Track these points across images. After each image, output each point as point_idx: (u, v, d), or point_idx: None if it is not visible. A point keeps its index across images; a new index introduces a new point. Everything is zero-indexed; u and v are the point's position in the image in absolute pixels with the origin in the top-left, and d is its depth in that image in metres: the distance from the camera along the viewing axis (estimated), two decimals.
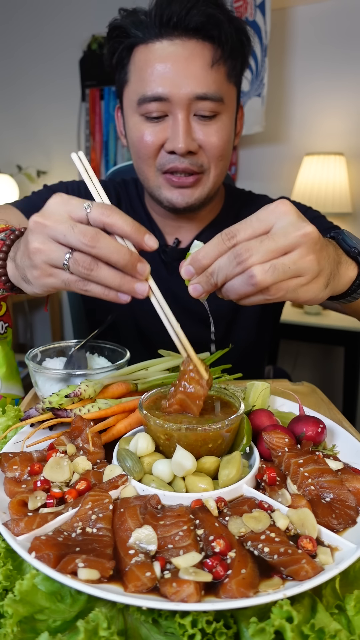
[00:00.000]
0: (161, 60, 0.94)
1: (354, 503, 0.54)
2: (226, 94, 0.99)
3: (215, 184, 1.06)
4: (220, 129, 1.00)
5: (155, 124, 0.98)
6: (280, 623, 0.40)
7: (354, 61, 2.54)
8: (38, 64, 3.32)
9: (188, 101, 0.94)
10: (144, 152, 1.01)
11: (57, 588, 0.44)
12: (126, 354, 0.87)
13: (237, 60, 1.00)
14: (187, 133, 0.96)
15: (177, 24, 0.93)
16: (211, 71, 0.95)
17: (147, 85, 0.95)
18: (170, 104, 0.95)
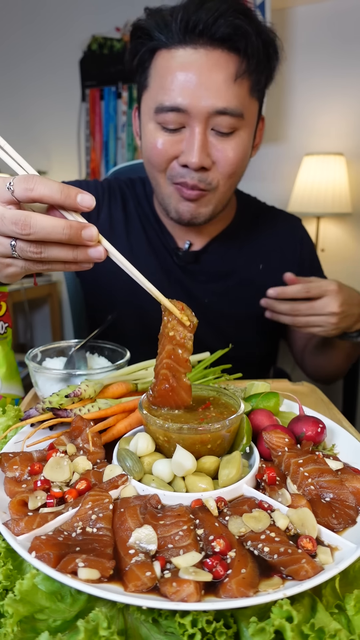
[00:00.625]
0: (183, 68, 0.91)
1: (353, 503, 0.54)
2: (247, 110, 0.96)
3: (222, 200, 1.03)
4: (238, 145, 0.96)
5: (171, 134, 0.95)
6: (280, 623, 0.40)
7: (353, 61, 2.54)
8: (38, 64, 3.32)
9: (207, 115, 0.91)
10: (156, 161, 0.99)
11: (57, 588, 0.44)
12: (126, 354, 0.87)
13: (263, 75, 0.96)
14: (203, 148, 0.93)
15: (202, 32, 0.89)
16: (234, 85, 0.91)
17: (165, 94, 0.92)
18: (188, 116, 0.92)
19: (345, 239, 2.64)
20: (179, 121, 0.93)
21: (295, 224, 1.27)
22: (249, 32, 0.89)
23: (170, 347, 0.62)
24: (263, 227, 1.22)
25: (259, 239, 1.21)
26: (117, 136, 3.22)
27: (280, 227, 1.24)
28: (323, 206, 2.39)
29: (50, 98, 3.34)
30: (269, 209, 1.29)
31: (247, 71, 0.92)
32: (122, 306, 1.10)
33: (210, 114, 0.91)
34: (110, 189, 1.20)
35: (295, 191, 2.53)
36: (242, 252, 1.18)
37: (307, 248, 1.25)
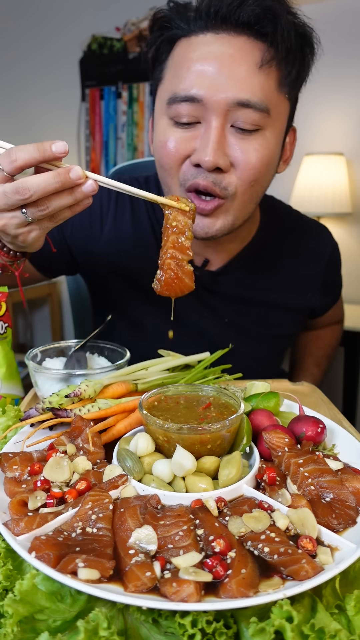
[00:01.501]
0: (202, 55, 0.80)
1: (353, 503, 0.54)
2: (275, 106, 0.83)
3: (242, 213, 0.90)
4: (262, 146, 0.83)
5: (184, 130, 0.84)
6: (280, 623, 0.40)
7: (354, 61, 2.54)
8: (38, 63, 3.32)
9: (226, 107, 0.79)
10: (165, 161, 0.87)
11: (57, 588, 0.44)
12: (126, 354, 0.87)
13: (294, 67, 0.83)
14: (219, 145, 0.81)
15: (226, 17, 0.79)
16: (259, 74, 0.80)
17: (180, 83, 0.81)
18: (205, 109, 0.80)
19: (345, 239, 2.64)
20: (193, 114, 0.82)
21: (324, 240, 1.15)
22: (279, 14, 0.78)
23: (173, 237, 0.69)
24: (288, 244, 1.11)
25: (284, 259, 1.10)
26: (117, 136, 3.22)
27: (307, 244, 1.12)
28: (323, 206, 2.39)
29: (50, 98, 3.34)
30: (296, 220, 1.15)
31: (275, 59, 0.80)
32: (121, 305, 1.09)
33: (230, 106, 0.79)
34: (118, 195, 1.08)
35: (295, 191, 2.53)
36: (265, 274, 1.08)
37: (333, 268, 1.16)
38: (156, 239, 1.06)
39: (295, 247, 1.11)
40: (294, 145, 0.98)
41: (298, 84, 0.87)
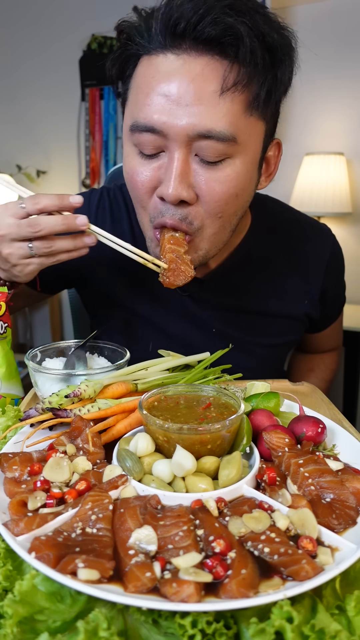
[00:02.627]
0: (161, 79, 0.73)
1: (354, 503, 0.54)
2: (243, 132, 0.75)
3: (214, 243, 0.85)
4: (229, 177, 0.77)
5: (149, 161, 0.79)
6: (280, 623, 0.40)
7: (354, 61, 2.54)
8: (37, 63, 3.32)
9: (187, 138, 0.73)
10: (135, 194, 0.83)
11: (56, 588, 0.44)
12: (126, 354, 0.86)
13: (263, 87, 0.74)
14: (182, 177, 0.75)
15: (185, 33, 0.71)
16: (222, 99, 0.72)
17: (140, 110, 0.76)
18: (166, 139, 0.75)
19: (345, 239, 2.64)
20: (156, 145, 0.76)
21: (322, 242, 1.07)
22: (240, 33, 0.69)
23: (168, 235, 0.82)
24: (282, 247, 1.04)
25: (277, 264, 1.04)
26: (117, 135, 3.22)
27: (303, 247, 1.06)
28: (323, 206, 2.39)
29: (49, 97, 3.34)
30: (291, 222, 1.08)
31: (239, 82, 0.72)
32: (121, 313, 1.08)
33: (190, 137, 0.73)
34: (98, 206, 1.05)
35: (295, 191, 2.53)
36: (256, 280, 1.03)
37: (333, 273, 1.08)
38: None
39: (290, 250, 1.05)
40: (279, 159, 0.90)
41: (272, 101, 0.78)
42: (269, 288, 1.05)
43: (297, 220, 1.10)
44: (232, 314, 1.04)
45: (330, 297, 1.11)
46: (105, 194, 1.08)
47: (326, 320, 1.17)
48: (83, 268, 1.05)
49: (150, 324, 1.06)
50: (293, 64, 0.77)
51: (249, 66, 0.72)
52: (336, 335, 1.28)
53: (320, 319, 1.13)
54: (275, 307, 1.05)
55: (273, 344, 1.08)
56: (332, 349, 1.31)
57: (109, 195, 1.08)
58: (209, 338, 1.04)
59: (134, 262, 0.98)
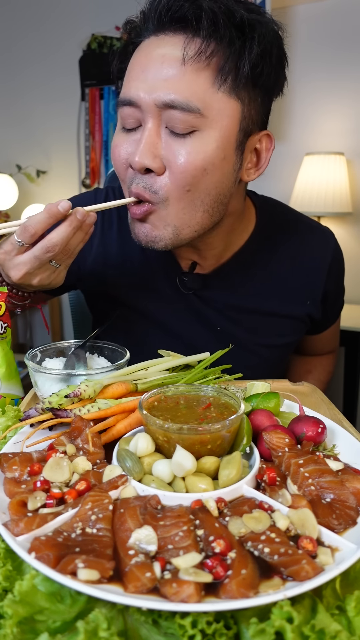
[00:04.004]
0: (139, 59, 0.80)
1: (354, 503, 0.54)
2: (211, 106, 0.77)
3: (184, 221, 0.83)
4: (195, 149, 0.77)
5: (128, 135, 0.83)
6: (280, 624, 0.40)
7: (354, 61, 2.54)
8: (37, 63, 3.32)
9: (156, 109, 0.77)
10: (115, 167, 0.87)
11: (56, 589, 0.44)
12: (126, 354, 0.86)
13: (228, 60, 0.76)
14: (150, 146, 0.78)
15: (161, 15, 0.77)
16: (187, 71, 0.75)
17: (124, 87, 0.82)
18: (141, 111, 0.79)
19: (345, 239, 2.64)
20: (135, 117, 0.81)
21: (325, 244, 1.09)
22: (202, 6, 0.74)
23: None
24: (285, 249, 1.05)
25: (280, 265, 1.05)
26: None
27: (306, 249, 1.07)
28: (323, 206, 2.39)
29: (49, 97, 3.34)
30: (294, 224, 1.09)
31: (202, 53, 0.74)
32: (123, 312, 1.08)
33: (159, 107, 0.77)
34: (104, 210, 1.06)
35: (295, 191, 2.52)
36: (259, 280, 1.04)
37: (334, 276, 1.10)
38: (144, 255, 1.03)
39: (293, 251, 1.06)
40: (270, 153, 0.89)
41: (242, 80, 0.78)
42: (272, 288, 1.05)
43: (301, 222, 1.11)
44: (236, 313, 1.05)
45: (331, 299, 1.12)
46: (110, 192, 1.10)
47: (326, 321, 1.18)
48: (91, 269, 1.06)
49: (154, 322, 1.06)
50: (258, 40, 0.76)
51: (211, 38, 0.75)
52: (334, 338, 1.29)
53: (321, 320, 1.14)
54: (278, 307, 1.06)
55: (276, 344, 1.09)
56: (329, 352, 1.32)
57: (114, 192, 1.09)
58: (213, 336, 1.05)
59: (139, 260, 1.04)
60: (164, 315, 1.06)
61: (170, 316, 1.05)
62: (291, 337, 1.11)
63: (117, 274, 1.05)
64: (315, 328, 1.18)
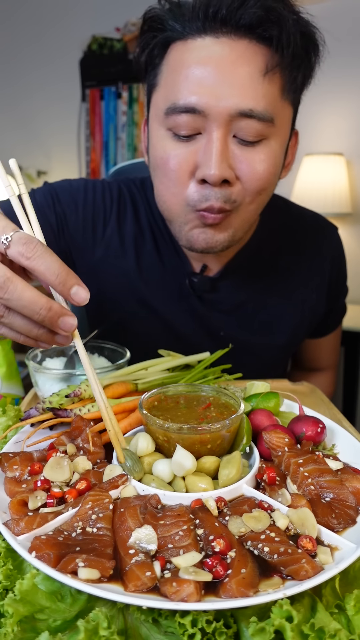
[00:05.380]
0: (200, 61, 0.74)
1: (353, 503, 0.54)
2: (279, 114, 0.78)
3: (245, 223, 0.86)
4: (268, 157, 0.79)
5: (185, 144, 0.78)
6: (280, 622, 0.40)
7: (354, 61, 2.54)
8: (38, 64, 3.32)
9: (228, 117, 0.74)
10: (169, 178, 0.81)
11: (57, 587, 0.44)
12: (126, 354, 0.87)
13: (299, 72, 0.79)
14: (223, 157, 0.76)
15: (226, 19, 0.73)
16: (263, 82, 0.74)
17: (179, 92, 0.76)
18: (205, 119, 0.75)
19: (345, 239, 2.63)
20: (194, 126, 0.76)
21: (328, 237, 1.10)
22: (283, 16, 0.72)
23: None
24: (289, 243, 1.06)
25: (285, 259, 1.05)
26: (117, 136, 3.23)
27: (309, 242, 1.07)
28: (323, 206, 2.39)
29: (50, 98, 3.34)
30: (298, 218, 1.09)
31: (279, 65, 0.75)
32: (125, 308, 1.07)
33: (232, 116, 0.74)
34: (120, 197, 1.02)
35: (295, 191, 2.53)
36: (264, 277, 1.04)
37: (337, 269, 1.10)
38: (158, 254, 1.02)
39: (297, 245, 1.06)
40: (296, 149, 0.93)
41: (301, 88, 0.83)
42: (277, 282, 1.05)
43: (303, 216, 1.11)
44: (241, 313, 1.04)
45: (334, 293, 1.12)
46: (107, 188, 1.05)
47: (328, 320, 1.17)
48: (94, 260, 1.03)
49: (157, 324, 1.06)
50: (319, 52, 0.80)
51: (288, 50, 0.74)
52: (333, 350, 1.27)
53: (324, 317, 1.14)
54: (283, 302, 1.06)
55: (279, 344, 1.09)
56: (328, 366, 1.30)
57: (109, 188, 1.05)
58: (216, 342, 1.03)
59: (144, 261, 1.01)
60: (168, 317, 1.05)
61: (175, 318, 1.04)
62: (294, 337, 1.11)
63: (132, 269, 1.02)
64: (318, 329, 1.18)
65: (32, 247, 0.50)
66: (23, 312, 0.51)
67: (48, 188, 1.01)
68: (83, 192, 1.01)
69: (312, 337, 1.20)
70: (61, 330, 0.53)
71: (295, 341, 1.13)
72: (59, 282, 0.51)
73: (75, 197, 1.00)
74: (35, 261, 0.50)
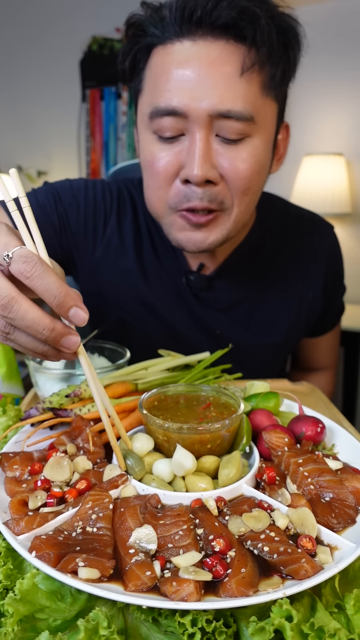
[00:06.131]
0: (179, 65, 0.76)
1: (353, 502, 0.54)
2: (260, 112, 0.79)
3: (238, 224, 0.87)
4: (250, 155, 0.80)
5: (169, 145, 0.81)
6: (279, 622, 0.40)
7: (353, 62, 2.54)
8: (38, 65, 3.32)
9: (209, 118, 0.76)
10: (155, 180, 0.83)
11: (57, 587, 0.44)
12: (126, 354, 0.87)
13: (278, 68, 0.79)
14: (206, 157, 0.78)
15: (201, 20, 0.74)
16: (240, 81, 0.76)
17: (160, 96, 0.78)
18: (187, 121, 0.77)
19: (344, 240, 2.65)
20: (177, 127, 0.78)
21: (324, 235, 1.10)
22: (257, 15, 0.73)
23: None
24: (286, 242, 1.07)
25: (281, 258, 1.06)
26: (117, 136, 3.23)
27: (305, 241, 1.08)
28: (323, 206, 2.39)
29: (50, 98, 3.35)
30: (294, 217, 1.11)
31: (257, 63, 0.76)
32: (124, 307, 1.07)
33: (212, 117, 0.76)
34: (120, 196, 1.04)
35: (295, 191, 2.53)
36: (260, 275, 1.05)
37: (333, 267, 1.11)
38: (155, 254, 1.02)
39: (294, 244, 1.07)
40: (288, 142, 0.94)
41: (284, 81, 0.83)
42: (275, 281, 1.06)
43: (300, 215, 1.12)
44: (237, 312, 1.05)
45: (332, 292, 1.12)
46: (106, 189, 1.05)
47: (326, 318, 1.17)
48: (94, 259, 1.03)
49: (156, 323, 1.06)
50: (300, 44, 0.81)
51: (264, 48, 0.76)
52: (332, 349, 1.27)
53: (322, 316, 1.14)
54: (280, 300, 1.06)
55: (276, 343, 1.09)
56: (327, 366, 1.30)
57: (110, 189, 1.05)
58: (212, 341, 1.04)
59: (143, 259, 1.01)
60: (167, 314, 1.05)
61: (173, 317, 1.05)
62: (291, 336, 1.11)
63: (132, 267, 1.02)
64: (315, 328, 1.18)
65: (32, 267, 0.50)
66: (27, 331, 0.52)
67: (49, 188, 1.01)
68: (84, 191, 1.02)
69: (310, 336, 1.20)
70: (64, 349, 0.53)
71: (292, 340, 1.13)
72: (57, 304, 0.51)
73: (77, 196, 1.01)
74: (34, 281, 0.50)
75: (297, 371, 1.32)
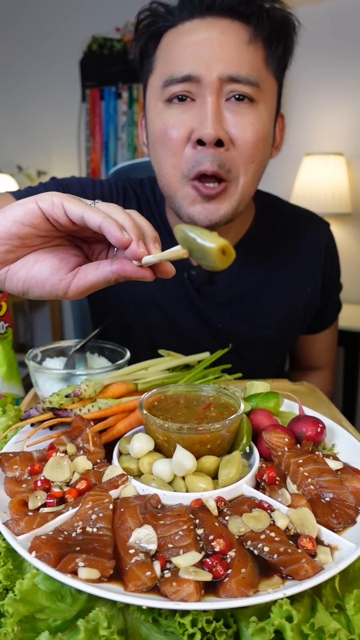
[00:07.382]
0: (191, 38, 0.85)
1: (353, 503, 0.54)
2: (264, 81, 0.87)
3: (244, 195, 0.90)
4: (257, 120, 0.86)
5: (180, 108, 0.86)
6: (280, 622, 0.40)
7: (353, 61, 2.54)
8: (38, 65, 3.32)
9: (219, 82, 0.84)
10: (168, 147, 0.87)
11: (57, 587, 0.44)
12: (126, 353, 0.87)
13: (279, 44, 0.88)
14: (217, 117, 0.83)
15: (211, 4, 0.85)
16: (246, 50, 0.85)
17: (174, 66, 0.86)
18: (199, 86, 0.84)
19: (345, 239, 2.64)
20: (189, 91, 0.86)
21: (320, 232, 1.14)
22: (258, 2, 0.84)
23: None
24: (283, 238, 1.10)
25: (280, 253, 1.09)
26: (117, 136, 3.22)
27: (302, 237, 1.11)
28: (323, 206, 2.39)
29: (50, 98, 3.34)
30: (292, 214, 1.14)
31: (260, 36, 0.85)
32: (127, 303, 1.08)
33: (222, 81, 0.83)
34: (125, 193, 1.07)
35: (295, 191, 2.53)
36: (259, 269, 1.07)
37: (330, 263, 1.13)
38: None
39: (291, 240, 1.10)
40: (284, 132, 1.01)
41: (283, 62, 0.92)
42: (273, 276, 1.08)
43: (297, 212, 1.15)
44: (237, 306, 1.06)
45: (329, 288, 1.14)
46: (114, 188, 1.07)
47: (323, 316, 1.18)
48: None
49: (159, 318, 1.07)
50: (297, 31, 0.90)
51: (267, 23, 0.86)
52: (330, 348, 1.28)
53: (319, 314, 1.15)
54: (280, 295, 1.08)
55: (276, 335, 1.10)
56: (325, 365, 1.30)
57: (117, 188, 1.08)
58: (214, 334, 1.05)
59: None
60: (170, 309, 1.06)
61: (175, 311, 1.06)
62: (291, 330, 1.13)
63: None
64: (313, 325, 1.19)
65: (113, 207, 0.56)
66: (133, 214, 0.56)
67: (58, 182, 1.04)
68: (92, 187, 1.05)
69: (308, 333, 1.21)
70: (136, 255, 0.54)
71: (291, 334, 1.15)
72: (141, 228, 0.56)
73: (85, 190, 1.03)
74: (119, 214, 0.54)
75: (295, 370, 1.33)
